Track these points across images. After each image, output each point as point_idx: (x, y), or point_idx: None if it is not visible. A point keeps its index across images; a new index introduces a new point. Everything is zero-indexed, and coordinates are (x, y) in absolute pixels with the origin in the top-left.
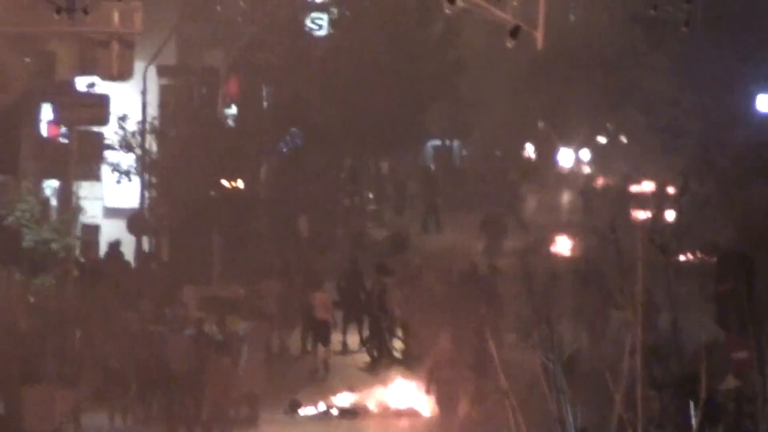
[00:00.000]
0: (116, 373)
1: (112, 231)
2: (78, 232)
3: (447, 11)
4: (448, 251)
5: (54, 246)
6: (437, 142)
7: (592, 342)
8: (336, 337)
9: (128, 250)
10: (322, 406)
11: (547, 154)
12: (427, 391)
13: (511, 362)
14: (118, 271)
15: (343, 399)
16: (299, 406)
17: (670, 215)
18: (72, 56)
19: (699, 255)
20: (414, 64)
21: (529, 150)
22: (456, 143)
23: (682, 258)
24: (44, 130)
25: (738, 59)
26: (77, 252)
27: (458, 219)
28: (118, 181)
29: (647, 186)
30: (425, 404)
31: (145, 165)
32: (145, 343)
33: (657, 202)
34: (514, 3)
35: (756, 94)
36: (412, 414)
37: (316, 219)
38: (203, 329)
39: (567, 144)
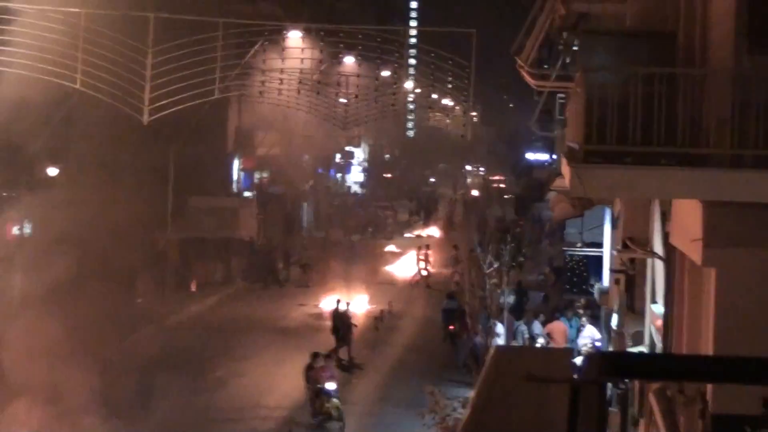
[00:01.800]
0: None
1: (354, 187)
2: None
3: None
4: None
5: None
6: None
7: (480, 227)
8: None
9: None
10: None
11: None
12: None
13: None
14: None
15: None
16: None
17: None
18: (342, 139)
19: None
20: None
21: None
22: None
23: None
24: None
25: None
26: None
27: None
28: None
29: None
30: (438, 231)
31: (364, 168)
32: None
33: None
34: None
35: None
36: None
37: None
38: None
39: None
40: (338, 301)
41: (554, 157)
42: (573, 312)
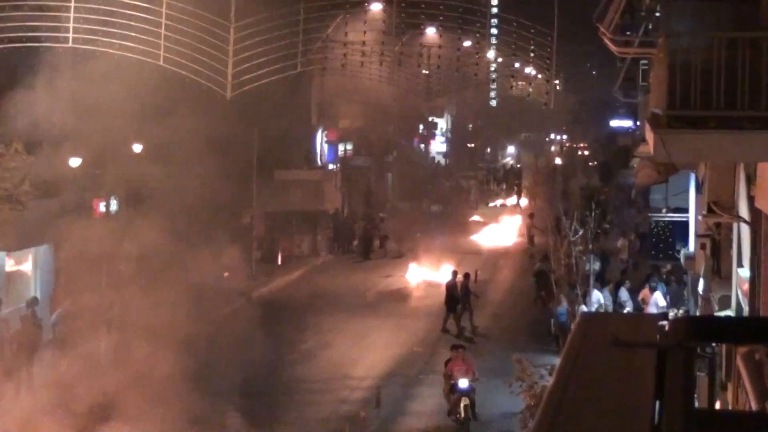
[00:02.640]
0: None
1: (438, 158)
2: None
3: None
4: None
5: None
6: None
7: (564, 195)
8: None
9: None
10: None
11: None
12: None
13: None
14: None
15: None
16: None
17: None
18: (425, 109)
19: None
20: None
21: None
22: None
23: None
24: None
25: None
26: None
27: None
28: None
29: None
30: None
31: (447, 139)
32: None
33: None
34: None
35: (609, 119)
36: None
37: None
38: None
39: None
40: (454, 273)
41: (638, 123)
42: (659, 278)
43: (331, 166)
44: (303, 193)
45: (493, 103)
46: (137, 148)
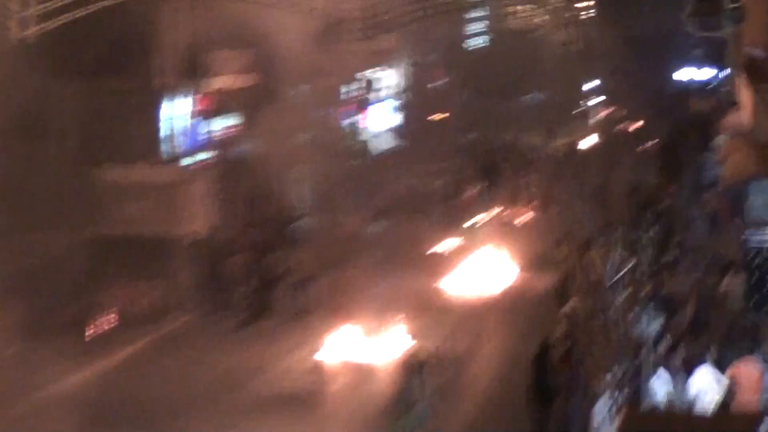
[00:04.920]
0: None
1: (380, 140)
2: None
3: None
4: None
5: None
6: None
7: (600, 201)
8: None
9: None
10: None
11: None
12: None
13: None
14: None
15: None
16: None
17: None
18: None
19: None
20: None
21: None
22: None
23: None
24: None
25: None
26: None
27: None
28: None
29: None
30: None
31: (399, 106)
32: None
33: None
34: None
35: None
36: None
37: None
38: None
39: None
40: None
41: (724, 74)
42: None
43: (200, 156)
44: (144, 205)
45: (479, 41)
46: None
